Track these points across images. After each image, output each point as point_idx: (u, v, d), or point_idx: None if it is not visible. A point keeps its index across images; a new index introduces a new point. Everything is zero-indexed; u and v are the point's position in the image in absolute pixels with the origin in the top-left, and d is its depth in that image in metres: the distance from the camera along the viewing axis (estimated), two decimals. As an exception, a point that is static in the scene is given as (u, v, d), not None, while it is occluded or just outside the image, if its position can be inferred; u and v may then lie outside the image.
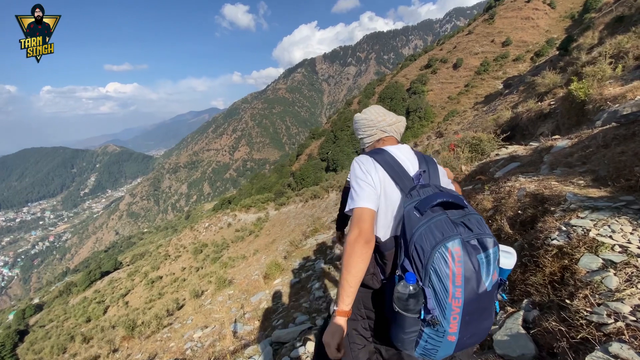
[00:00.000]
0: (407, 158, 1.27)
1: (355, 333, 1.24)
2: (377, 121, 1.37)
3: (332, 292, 4.14)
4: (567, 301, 1.57)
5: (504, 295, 1.02)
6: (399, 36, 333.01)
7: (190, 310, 10.78)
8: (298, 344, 2.90)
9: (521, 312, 1.69)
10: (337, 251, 7.13)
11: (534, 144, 4.86)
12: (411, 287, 0.94)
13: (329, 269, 5.75)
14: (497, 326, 1.73)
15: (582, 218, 2.00)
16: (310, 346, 2.69)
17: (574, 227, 1.92)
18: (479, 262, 0.91)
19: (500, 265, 1.00)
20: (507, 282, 1.05)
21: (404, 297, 0.95)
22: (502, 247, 1.02)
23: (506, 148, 5.56)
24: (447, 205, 1.02)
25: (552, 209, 2.24)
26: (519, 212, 2.58)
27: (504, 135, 5.92)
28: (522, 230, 2.40)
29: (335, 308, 1.11)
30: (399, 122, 1.39)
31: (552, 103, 8.87)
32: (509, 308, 1.79)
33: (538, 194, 2.57)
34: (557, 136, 4.59)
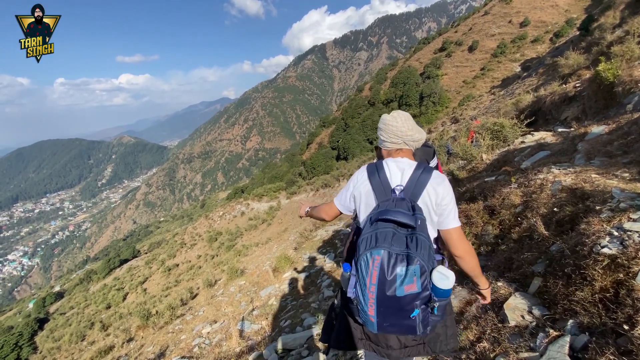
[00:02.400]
0: (400, 171, 1.39)
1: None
2: (406, 135, 1.45)
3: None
4: (625, 327, 1.28)
5: (435, 309, 1.15)
6: (411, 19, 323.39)
7: (203, 300, 10.82)
8: (305, 353, 2.69)
9: (567, 338, 1.40)
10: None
11: (563, 130, 4.45)
12: (346, 274, 1.28)
13: (339, 263, 5.53)
14: (537, 353, 1.45)
15: (635, 220, 1.69)
16: (319, 358, 2.48)
17: (629, 233, 1.60)
18: (396, 273, 1.08)
19: (436, 284, 1.13)
20: (439, 302, 1.15)
21: (343, 278, 1.31)
22: (441, 269, 1.15)
23: (532, 135, 5.13)
24: (398, 222, 1.18)
25: (597, 207, 1.92)
26: (555, 209, 2.25)
27: (528, 120, 5.47)
28: (560, 232, 2.08)
29: (308, 210, 1.87)
30: (421, 140, 1.49)
31: (577, 85, 8.30)
32: (551, 330, 1.50)
33: (577, 189, 2.24)
34: (590, 121, 4.17)
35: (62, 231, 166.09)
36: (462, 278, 2.59)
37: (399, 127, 1.44)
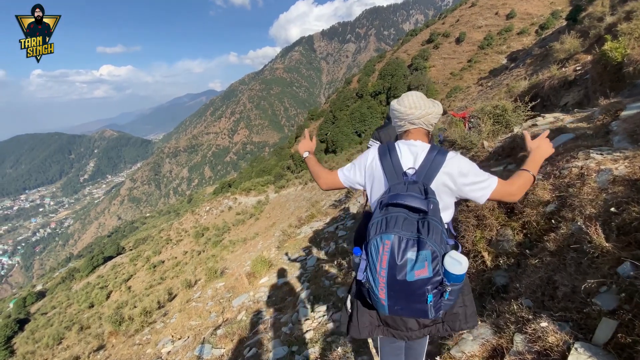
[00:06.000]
0: (413, 155, 1.37)
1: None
2: (406, 114, 1.41)
3: (322, 308, 3.22)
4: None
5: (446, 294, 1.10)
6: (399, 11, 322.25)
7: (178, 305, 10.08)
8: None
9: None
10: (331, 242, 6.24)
11: (580, 111, 3.84)
12: (356, 258, 1.23)
13: (321, 267, 4.85)
14: None
15: None
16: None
17: None
18: (407, 258, 1.06)
19: (448, 270, 1.07)
20: (451, 287, 1.08)
21: (353, 263, 1.26)
22: (453, 254, 1.09)
23: (543, 117, 4.51)
24: (410, 207, 1.15)
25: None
26: (612, 209, 1.60)
27: (533, 103, 4.85)
28: (626, 243, 1.42)
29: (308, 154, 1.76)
30: (428, 115, 1.40)
31: (578, 69, 7.77)
32: None
33: (643, 181, 1.59)
34: (614, 100, 3.55)
35: (43, 228, 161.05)
36: (480, 307, 1.91)
37: (400, 110, 1.42)
